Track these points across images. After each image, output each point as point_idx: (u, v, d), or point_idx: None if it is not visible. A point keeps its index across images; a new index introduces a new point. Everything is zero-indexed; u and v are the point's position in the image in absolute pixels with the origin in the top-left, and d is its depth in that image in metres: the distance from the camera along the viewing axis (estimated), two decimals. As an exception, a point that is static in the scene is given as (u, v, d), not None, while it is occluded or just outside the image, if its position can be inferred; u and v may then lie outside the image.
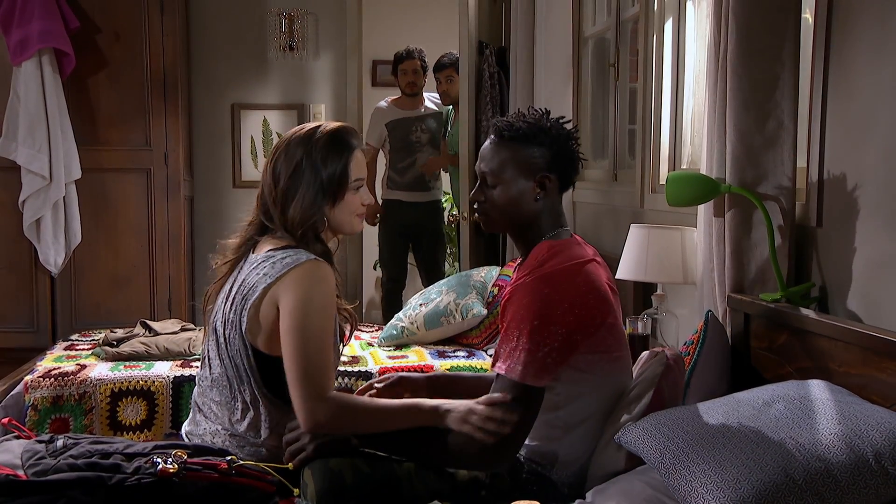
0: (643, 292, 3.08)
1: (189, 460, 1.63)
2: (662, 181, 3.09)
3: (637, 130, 3.37)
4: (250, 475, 1.74)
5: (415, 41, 5.14)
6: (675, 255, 2.64)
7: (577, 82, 4.03)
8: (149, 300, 4.73)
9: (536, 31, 4.33)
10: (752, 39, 2.19)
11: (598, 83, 4.02)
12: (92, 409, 2.97)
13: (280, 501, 1.81)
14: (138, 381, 3.02)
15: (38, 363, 3.24)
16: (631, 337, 2.48)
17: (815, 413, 1.65)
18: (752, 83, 2.19)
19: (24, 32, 4.30)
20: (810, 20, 2.23)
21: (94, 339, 3.67)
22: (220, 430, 1.98)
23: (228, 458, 1.76)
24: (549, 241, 1.94)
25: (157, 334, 3.48)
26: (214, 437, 1.98)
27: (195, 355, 3.26)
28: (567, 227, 2.00)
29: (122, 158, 4.69)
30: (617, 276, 2.63)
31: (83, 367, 3.13)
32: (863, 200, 1.98)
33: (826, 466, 1.52)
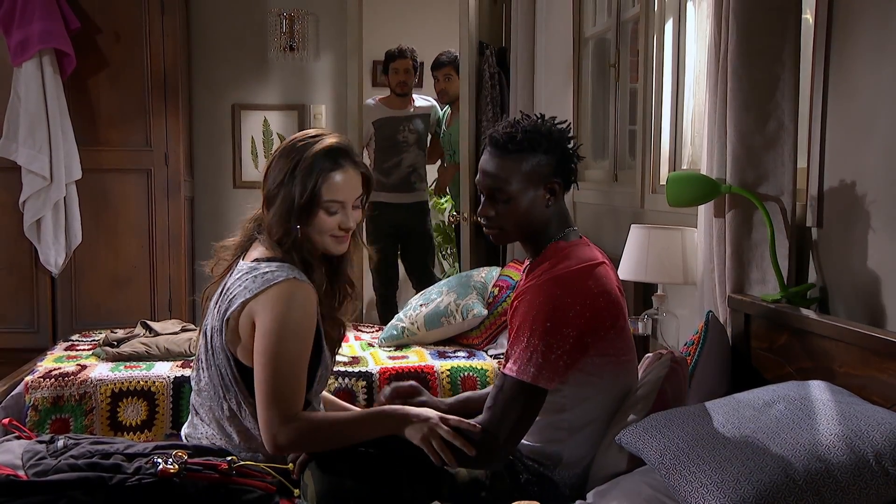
0: (643, 293, 3.08)
1: (189, 460, 1.63)
2: (663, 182, 3.09)
3: (637, 131, 3.37)
4: (251, 475, 1.74)
5: (415, 42, 5.13)
6: (676, 256, 2.64)
7: (578, 83, 4.03)
8: (149, 300, 4.73)
9: (537, 31, 4.33)
10: (752, 40, 2.19)
11: (599, 84, 4.02)
12: (92, 409, 2.97)
13: (281, 501, 1.82)
14: (139, 382, 3.02)
15: (39, 363, 3.24)
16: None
17: (816, 413, 1.65)
18: (752, 84, 2.19)
19: (24, 33, 4.30)
20: (811, 21, 2.23)
21: (94, 340, 3.66)
22: (216, 433, 1.98)
23: (229, 458, 1.76)
24: (560, 241, 1.94)
25: (157, 335, 3.48)
26: (212, 441, 1.98)
27: (195, 356, 3.26)
28: (574, 227, 2.00)
29: (123, 159, 4.69)
30: (617, 277, 2.63)
31: (83, 367, 3.13)
32: (863, 201, 1.98)
33: (826, 467, 1.52)
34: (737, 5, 2.19)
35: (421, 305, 3.56)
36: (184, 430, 2.10)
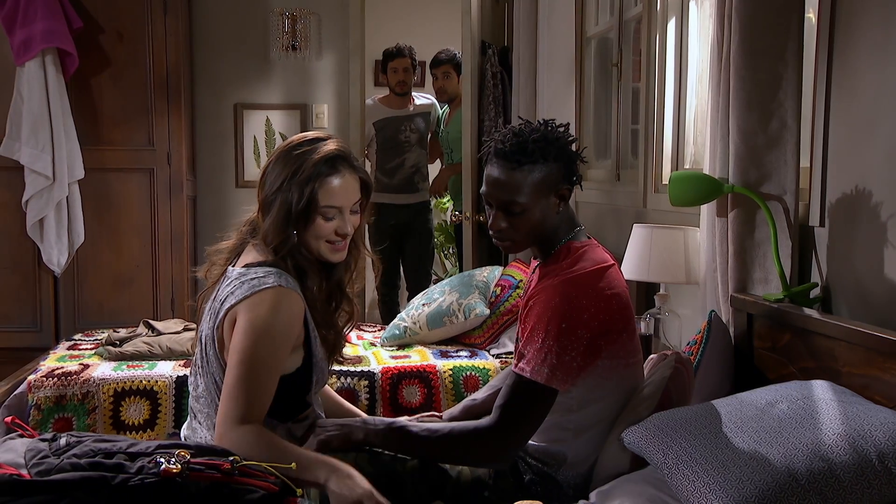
0: (646, 292, 3.08)
1: (192, 460, 1.63)
2: (665, 181, 3.09)
3: (640, 130, 3.37)
4: (253, 475, 1.73)
5: (417, 41, 5.12)
6: (678, 255, 2.64)
7: (580, 82, 4.03)
8: (151, 300, 4.73)
9: (539, 30, 4.33)
10: (755, 39, 2.18)
11: (601, 83, 4.02)
12: (95, 408, 2.97)
13: (283, 501, 1.81)
14: (141, 381, 3.02)
15: (42, 363, 3.24)
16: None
17: (819, 413, 1.65)
18: (755, 83, 2.19)
19: (27, 32, 4.30)
20: (813, 20, 2.23)
21: (97, 339, 3.67)
22: (213, 438, 1.98)
23: (231, 458, 1.76)
24: (572, 242, 1.94)
25: (160, 334, 3.48)
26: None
27: (192, 360, 3.26)
28: (582, 227, 2.00)
29: (125, 158, 4.69)
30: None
31: (86, 366, 3.14)
32: (866, 200, 1.97)
33: (829, 467, 1.51)
34: (739, 4, 2.19)
35: (423, 305, 3.56)
36: (183, 430, 2.09)
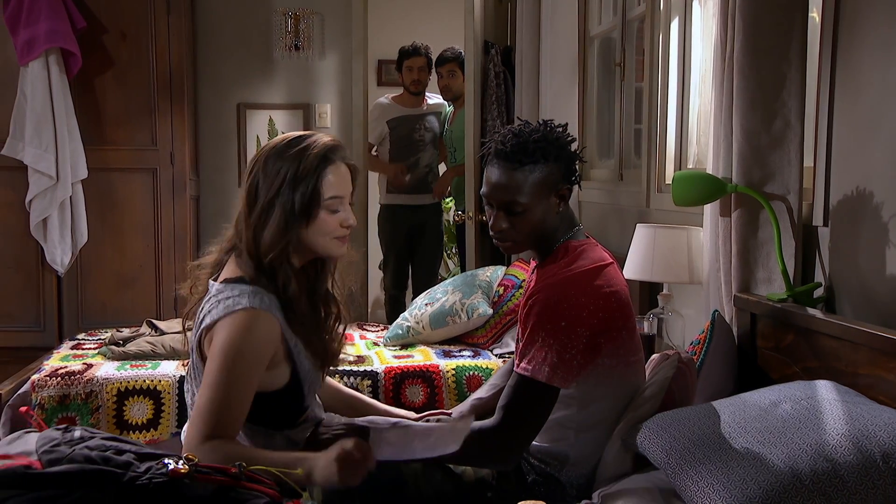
0: (649, 292, 3.07)
1: (200, 463, 1.63)
2: (668, 181, 3.08)
3: (643, 130, 3.36)
4: (259, 481, 1.74)
5: (420, 40, 5.12)
6: (682, 255, 2.64)
7: (583, 82, 4.02)
8: (155, 300, 4.73)
9: (542, 30, 4.32)
10: (758, 38, 2.18)
11: (604, 83, 4.01)
12: (98, 408, 2.97)
13: (286, 502, 1.81)
14: (144, 381, 3.03)
15: (45, 362, 3.24)
16: (637, 337, 2.48)
17: (822, 413, 1.64)
18: (758, 82, 2.19)
19: (31, 32, 4.31)
20: (817, 19, 2.22)
21: (100, 339, 3.67)
22: None
23: (238, 462, 1.76)
24: (570, 241, 1.94)
25: (163, 334, 3.48)
26: None
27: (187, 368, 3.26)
28: (580, 226, 2.00)
29: (129, 158, 4.70)
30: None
31: (89, 366, 3.14)
32: (870, 200, 1.97)
33: (833, 467, 1.51)
34: (743, 4, 2.19)
35: (426, 305, 3.56)
36: (183, 431, 2.09)
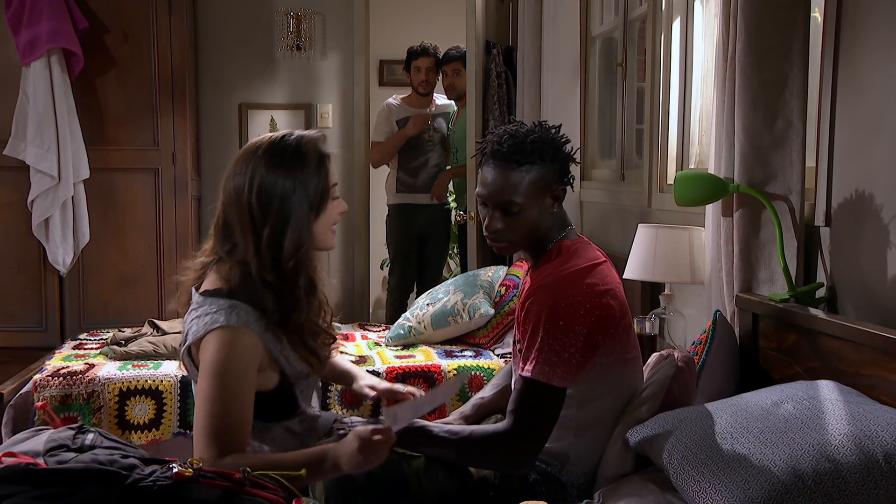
0: (651, 292, 3.07)
1: (204, 468, 1.64)
2: (670, 181, 3.08)
3: (645, 130, 3.36)
4: (263, 486, 1.74)
5: (421, 41, 5.10)
6: (683, 255, 2.64)
7: (585, 82, 4.02)
8: (156, 299, 4.73)
9: (544, 30, 4.32)
10: (760, 38, 2.18)
11: (606, 83, 4.01)
12: (100, 408, 2.98)
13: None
14: (146, 381, 3.03)
15: (47, 362, 3.25)
16: (639, 337, 2.48)
17: (825, 414, 1.64)
18: (760, 82, 2.19)
19: (33, 33, 4.31)
20: (819, 19, 2.22)
21: (102, 339, 3.68)
22: None
23: (242, 468, 1.76)
24: (563, 240, 1.95)
25: (164, 333, 3.49)
26: None
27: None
28: (573, 226, 2.01)
29: (130, 158, 4.70)
30: (625, 276, 2.63)
31: (91, 366, 3.14)
32: (872, 200, 1.97)
33: (835, 467, 1.51)
34: (745, 4, 2.18)
35: (428, 305, 3.57)
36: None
